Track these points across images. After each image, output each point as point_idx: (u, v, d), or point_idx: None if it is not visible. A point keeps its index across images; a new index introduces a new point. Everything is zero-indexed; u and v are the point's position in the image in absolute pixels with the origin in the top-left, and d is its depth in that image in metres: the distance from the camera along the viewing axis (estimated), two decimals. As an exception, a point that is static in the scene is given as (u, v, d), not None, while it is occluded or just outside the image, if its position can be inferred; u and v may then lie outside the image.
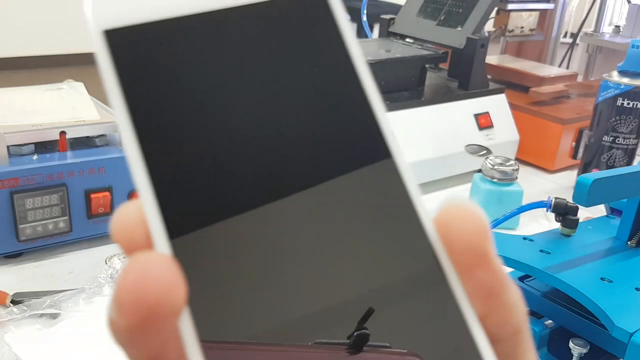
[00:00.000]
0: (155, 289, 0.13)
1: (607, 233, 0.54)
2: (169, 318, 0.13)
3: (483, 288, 0.16)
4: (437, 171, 0.93)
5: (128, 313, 0.13)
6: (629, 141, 0.90)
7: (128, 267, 0.13)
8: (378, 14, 1.23)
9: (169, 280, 0.13)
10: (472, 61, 0.96)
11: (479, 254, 0.15)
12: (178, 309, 0.13)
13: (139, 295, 0.13)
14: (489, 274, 0.16)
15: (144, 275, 0.13)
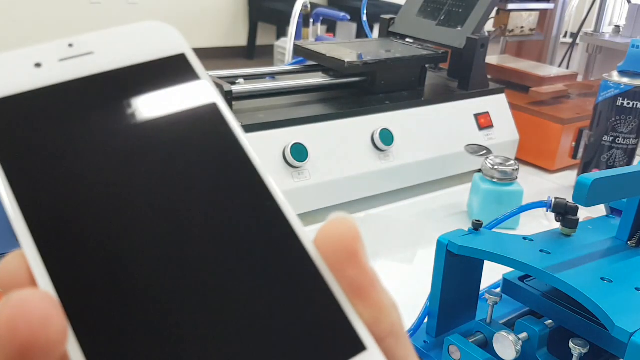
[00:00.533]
0: (31, 322, 0.14)
1: (607, 233, 0.54)
2: (47, 349, 0.14)
3: (353, 284, 0.17)
4: (437, 171, 0.93)
5: (5, 346, 0.13)
6: (629, 141, 0.90)
7: (5, 303, 0.14)
8: (378, 14, 1.23)
9: (45, 313, 0.14)
10: (472, 61, 0.96)
11: (349, 253, 0.17)
12: (56, 341, 0.14)
13: (15, 329, 0.13)
14: (358, 271, 0.17)
15: (20, 309, 0.14)
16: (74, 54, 0.18)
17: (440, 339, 0.51)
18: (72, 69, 0.18)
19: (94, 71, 0.18)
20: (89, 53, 0.18)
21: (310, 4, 1.71)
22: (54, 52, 0.18)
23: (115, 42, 0.19)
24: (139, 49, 0.19)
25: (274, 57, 2.50)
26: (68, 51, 0.18)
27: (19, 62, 0.18)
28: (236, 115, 0.78)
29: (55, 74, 0.18)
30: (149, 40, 0.19)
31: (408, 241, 0.79)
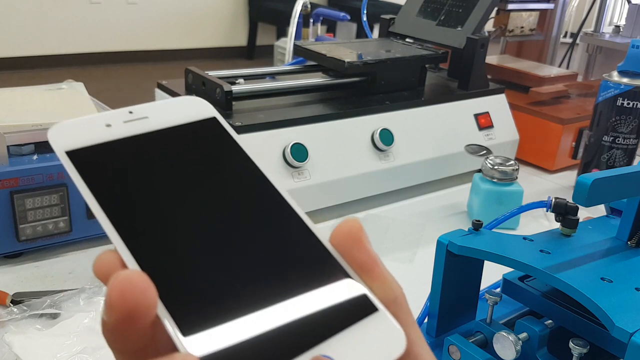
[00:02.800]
0: (134, 291, 0.19)
1: (607, 233, 0.54)
2: (146, 311, 0.19)
3: (361, 263, 0.24)
4: (437, 171, 0.93)
5: (117, 310, 0.19)
6: (629, 141, 0.90)
7: (115, 280, 0.19)
8: (378, 14, 1.23)
9: (143, 285, 0.19)
10: (472, 61, 0.96)
11: (355, 240, 0.24)
12: (152, 304, 0.19)
13: (124, 296, 0.19)
14: (364, 253, 0.24)
15: (127, 283, 0.19)
16: (134, 118, 0.25)
17: (440, 339, 0.51)
18: (134, 128, 0.24)
19: (149, 129, 0.25)
20: (145, 117, 0.25)
21: (310, 4, 1.71)
22: (119, 116, 0.25)
23: (164, 110, 0.26)
24: (181, 114, 0.26)
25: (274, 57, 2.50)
26: (129, 116, 0.25)
27: (95, 124, 0.24)
28: (236, 115, 0.78)
29: (121, 132, 0.24)
30: (187, 108, 0.26)
31: (408, 241, 0.79)
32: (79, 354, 0.51)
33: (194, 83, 0.85)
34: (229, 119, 0.76)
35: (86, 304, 0.58)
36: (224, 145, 0.26)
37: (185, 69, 0.87)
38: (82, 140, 0.24)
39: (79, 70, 3.83)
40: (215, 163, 0.25)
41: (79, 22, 4.07)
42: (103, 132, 0.24)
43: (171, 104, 0.26)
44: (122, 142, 0.24)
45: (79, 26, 4.09)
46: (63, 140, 0.24)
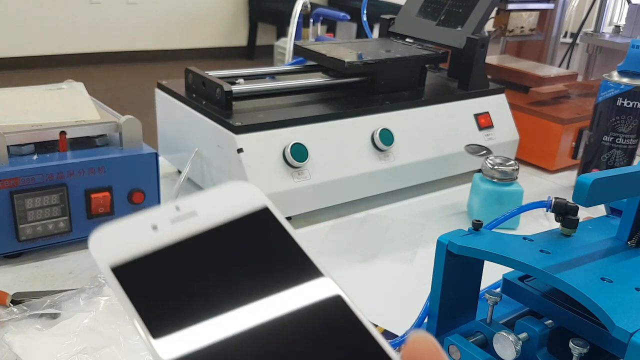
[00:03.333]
0: None
1: (607, 233, 0.54)
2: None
3: None
4: (437, 171, 0.93)
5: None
6: (629, 141, 0.90)
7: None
8: (378, 14, 1.23)
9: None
10: (472, 61, 0.96)
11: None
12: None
13: None
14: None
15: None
16: (182, 216, 0.23)
17: (440, 339, 0.51)
18: (183, 229, 0.23)
19: (200, 229, 0.23)
20: (193, 214, 0.23)
21: (310, 4, 1.71)
22: (166, 215, 0.23)
23: (212, 202, 0.24)
24: (230, 205, 0.24)
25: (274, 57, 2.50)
26: (176, 213, 0.23)
27: (140, 226, 0.22)
28: (236, 115, 0.78)
29: (169, 234, 0.22)
30: (236, 197, 0.24)
31: (408, 241, 0.79)
32: (79, 354, 0.51)
33: (194, 83, 0.85)
34: (229, 118, 0.76)
35: (86, 304, 0.58)
36: (279, 241, 0.24)
37: (185, 69, 0.87)
38: (127, 251, 0.22)
39: (79, 70, 3.83)
40: (270, 264, 0.23)
41: (79, 22, 4.07)
42: (149, 237, 0.22)
43: (219, 193, 0.24)
44: (171, 249, 0.22)
45: (79, 26, 4.09)
46: (107, 253, 0.22)
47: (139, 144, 0.72)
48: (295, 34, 1.63)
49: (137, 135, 0.72)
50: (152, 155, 0.72)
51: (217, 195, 0.24)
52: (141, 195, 0.72)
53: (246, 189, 0.25)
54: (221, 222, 0.23)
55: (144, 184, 0.72)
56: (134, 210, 0.72)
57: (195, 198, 0.24)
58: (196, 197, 0.24)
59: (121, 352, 0.51)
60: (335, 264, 0.73)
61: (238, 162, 0.74)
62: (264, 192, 0.24)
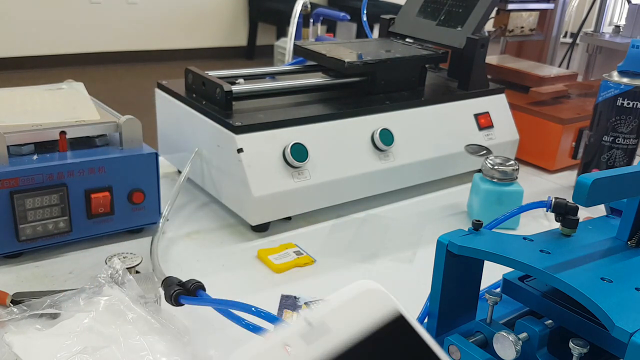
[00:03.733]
0: None
1: (607, 233, 0.54)
2: None
3: None
4: (437, 171, 0.93)
5: None
6: (629, 141, 0.90)
7: None
8: (378, 14, 1.23)
9: None
10: (472, 61, 0.96)
11: None
12: None
13: None
14: None
15: None
16: (316, 336, 0.21)
17: (440, 339, 0.51)
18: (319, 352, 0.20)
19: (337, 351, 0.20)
20: (327, 331, 0.21)
21: (310, 4, 1.72)
22: (299, 335, 0.21)
23: (344, 313, 0.21)
24: (363, 315, 0.22)
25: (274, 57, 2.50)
26: (310, 332, 0.21)
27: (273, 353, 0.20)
28: (236, 115, 0.78)
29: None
30: (367, 304, 0.22)
31: (408, 241, 0.79)
32: (79, 354, 0.51)
33: (194, 83, 0.85)
34: (229, 118, 0.76)
35: (86, 304, 0.58)
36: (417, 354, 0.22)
37: (185, 69, 0.87)
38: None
39: (79, 70, 3.83)
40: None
41: (79, 22, 4.07)
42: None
43: (349, 301, 0.22)
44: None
45: (79, 26, 4.09)
46: None
47: (139, 144, 0.72)
48: (295, 34, 1.63)
49: (137, 135, 0.72)
50: (152, 155, 0.72)
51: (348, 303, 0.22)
52: (141, 195, 0.72)
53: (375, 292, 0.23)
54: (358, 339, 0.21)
55: (144, 184, 0.72)
56: (133, 210, 0.72)
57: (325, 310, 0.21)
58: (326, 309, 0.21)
59: (121, 352, 0.51)
60: (335, 264, 0.73)
61: (238, 162, 0.74)
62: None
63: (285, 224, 0.81)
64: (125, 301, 0.56)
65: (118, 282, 0.61)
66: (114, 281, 0.61)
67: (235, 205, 0.79)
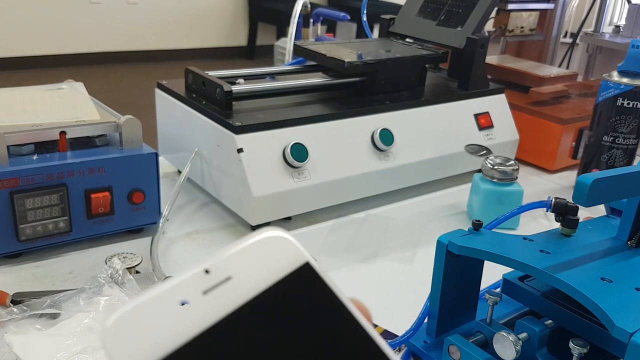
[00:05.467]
0: None
1: (607, 233, 0.54)
2: None
3: None
4: (437, 171, 0.93)
5: None
6: (629, 141, 0.90)
7: None
8: (378, 14, 1.23)
9: None
10: (472, 61, 0.96)
11: None
12: None
13: None
14: None
15: None
16: (214, 283, 0.19)
17: (440, 339, 0.51)
18: (219, 302, 0.19)
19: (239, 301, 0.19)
20: (227, 279, 0.19)
21: (310, 4, 1.71)
22: (195, 284, 0.19)
23: (246, 260, 0.20)
24: (267, 264, 0.20)
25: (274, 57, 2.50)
26: (207, 280, 0.19)
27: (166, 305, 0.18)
28: (236, 115, 0.78)
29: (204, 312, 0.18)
30: (271, 252, 0.20)
31: (408, 241, 0.79)
32: (79, 354, 0.51)
33: (194, 83, 0.85)
34: (229, 118, 0.76)
35: (86, 304, 0.58)
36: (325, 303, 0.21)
37: (185, 69, 0.87)
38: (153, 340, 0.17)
39: (79, 70, 3.83)
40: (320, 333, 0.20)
41: (79, 22, 4.07)
42: (180, 317, 0.18)
43: (251, 248, 0.20)
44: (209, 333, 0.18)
45: (79, 26, 4.09)
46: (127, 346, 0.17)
47: (139, 144, 0.72)
48: (295, 34, 1.63)
49: (137, 135, 0.72)
50: (152, 155, 0.72)
51: (249, 250, 0.20)
52: (141, 195, 0.72)
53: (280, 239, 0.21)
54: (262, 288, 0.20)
55: (144, 184, 0.72)
56: (133, 210, 0.72)
57: (225, 257, 0.20)
58: (226, 256, 0.20)
59: (121, 352, 0.50)
60: (335, 264, 0.73)
61: (238, 162, 0.74)
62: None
63: (285, 224, 0.81)
64: (125, 301, 0.56)
65: (118, 282, 0.61)
66: (114, 281, 0.61)
67: (235, 205, 0.79)
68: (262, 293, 0.19)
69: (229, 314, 0.19)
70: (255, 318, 0.19)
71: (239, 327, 0.19)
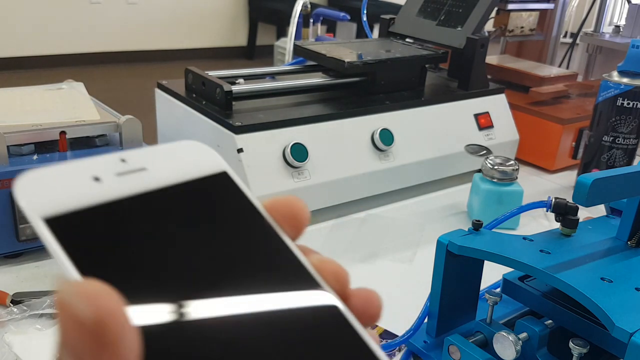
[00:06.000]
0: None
1: (607, 233, 0.54)
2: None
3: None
4: (437, 171, 0.93)
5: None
6: (629, 141, 0.90)
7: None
8: (378, 14, 1.23)
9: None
10: (472, 61, 0.96)
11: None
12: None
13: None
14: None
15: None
16: (129, 170, 0.20)
17: (440, 339, 0.51)
18: (130, 184, 0.19)
19: (149, 187, 0.20)
20: (142, 169, 0.20)
21: (310, 4, 1.71)
22: (110, 166, 0.20)
23: (163, 158, 0.21)
24: (184, 165, 0.21)
25: (274, 57, 2.50)
26: (123, 166, 0.20)
27: (80, 176, 0.19)
28: (236, 115, 0.78)
29: (114, 189, 0.19)
30: (190, 157, 0.22)
31: (408, 241, 0.79)
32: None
33: (194, 83, 0.85)
34: (229, 118, 0.76)
35: (86, 304, 0.57)
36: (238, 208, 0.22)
37: (185, 69, 0.87)
38: (63, 201, 0.18)
39: (79, 70, 3.83)
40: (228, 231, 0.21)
41: (79, 22, 4.07)
42: (90, 188, 0.19)
43: (171, 150, 0.22)
44: (115, 205, 0.19)
45: (79, 26, 4.09)
46: (37, 200, 0.18)
47: (139, 144, 0.72)
48: (295, 34, 1.63)
49: (137, 135, 0.72)
50: (152, 155, 0.72)
51: (169, 151, 0.21)
52: (141, 195, 0.72)
53: (201, 149, 0.22)
54: (174, 182, 0.20)
55: (144, 184, 0.72)
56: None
57: (144, 152, 0.21)
58: (145, 151, 0.21)
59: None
60: (335, 264, 0.72)
61: (238, 162, 0.74)
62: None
63: (285, 224, 0.81)
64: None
65: (118, 282, 0.61)
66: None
67: (235, 205, 0.79)
68: (176, 185, 0.20)
69: (139, 194, 0.19)
70: (165, 205, 0.20)
71: (148, 208, 0.19)
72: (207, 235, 0.20)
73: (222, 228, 0.21)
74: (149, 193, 0.20)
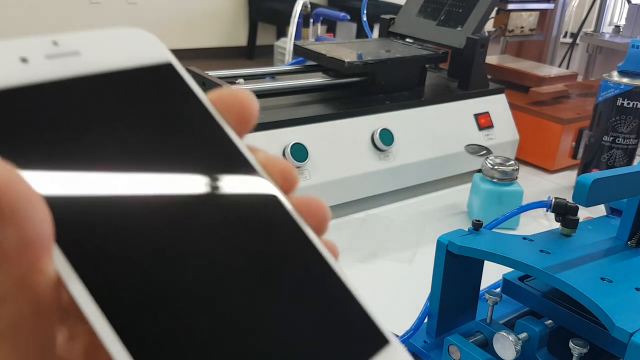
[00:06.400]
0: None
1: (607, 233, 0.54)
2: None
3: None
4: (437, 171, 0.93)
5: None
6: (629, 141, 0.90)
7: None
8: (378, 14, 1.23)
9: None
10: (472, 61, 0.96)
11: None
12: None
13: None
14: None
15: None
16: (60, 53, 0.18)
17: (440, 339, 0.51)
18: (60, 68, 0.18)
19: (81, 72, 0.18)
20: (75, 53, 0.18)
21: (310, 4, 1.72)
22: (40, 48, 0.18)
23: (101, 44, 0.19)
24: (124, 53, 0.19)
25: (274, 57, 2.50)
26: (53, 49, 0.18)
27: (6, 55, 0.17)
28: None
29: (42, 71, 0.17)
30: (132, 45, 0.20)
31: (408, 241, 0.79)
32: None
33: (194, 83, 0.85)
34: (229, 119, 0.76)
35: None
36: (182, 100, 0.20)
37: (185, 69, 0.87)
38: None
39: (79, 70, 3.82)
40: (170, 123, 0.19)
41: (79, 22, 4.07)
42: (16, 69, 0.17)
43: (111, 36, 0.19)
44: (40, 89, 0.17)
45: (79, 26, 4.09)
46: None
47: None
48: (295, 34, 1.63)
49: (137, 135, 0.72)
50: (152, 155, 0.71)
51: (108, 37, 0.19)
52: (141, 195, 0.72)
53: (145, 37, 0.20)
54: (110, 69, 0.19)
55: (144, 184, 0.72)
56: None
57: (79, 35, 0.19)
58: (80, 35, 0.19)
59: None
60: (335, 264, 0.72)
61: (238, 162, 0.74)
62: None
63: (285, 224, 0.81)
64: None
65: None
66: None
67: (235, 205, 0.79)
68: (111, 72, 0.19)
69: (68, 78, 0.18)
70: (97, 91, 0.18)
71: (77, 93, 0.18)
72: (142, 125, 0.18)
73: (159, 118, 0.19)
74: (80, 78, 0.18)
